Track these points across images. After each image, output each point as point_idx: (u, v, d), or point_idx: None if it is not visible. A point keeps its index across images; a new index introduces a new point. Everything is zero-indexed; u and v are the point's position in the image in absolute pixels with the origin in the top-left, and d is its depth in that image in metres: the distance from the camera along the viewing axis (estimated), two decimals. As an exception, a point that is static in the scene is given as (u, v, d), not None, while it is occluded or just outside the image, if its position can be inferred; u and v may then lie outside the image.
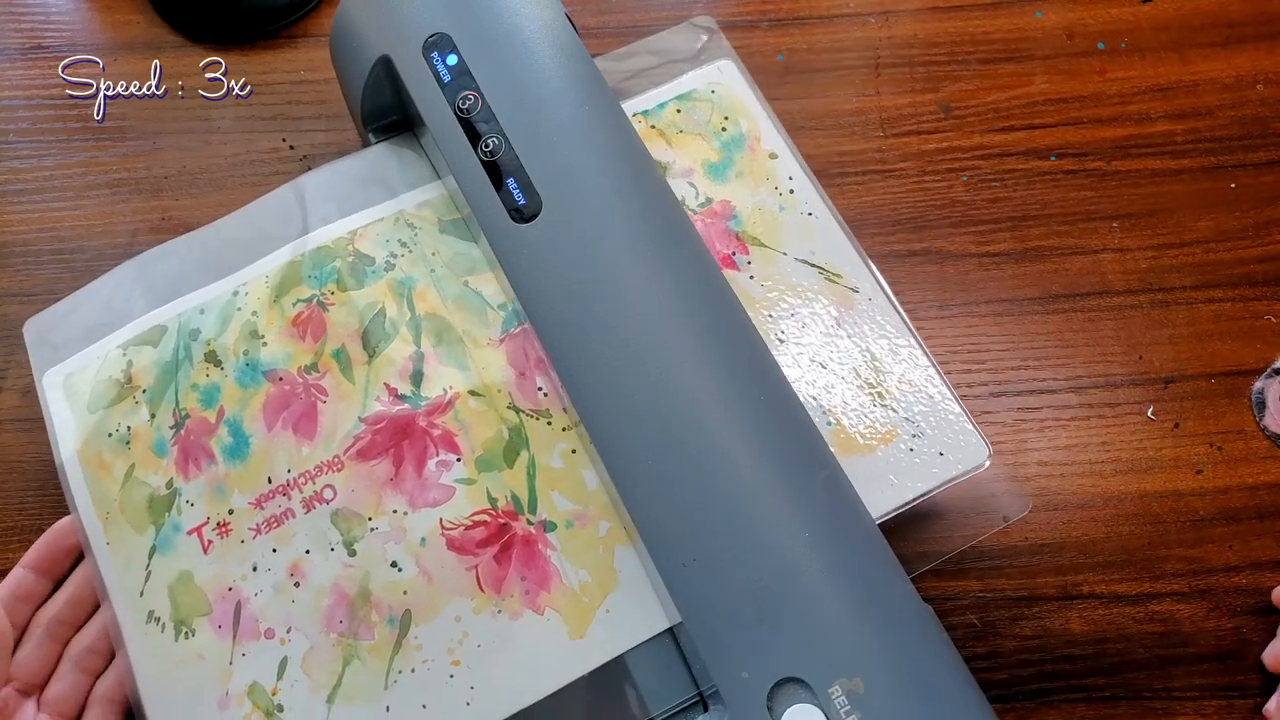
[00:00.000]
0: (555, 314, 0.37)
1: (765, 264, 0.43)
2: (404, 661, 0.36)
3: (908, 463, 0.39)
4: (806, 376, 0.41)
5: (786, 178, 0.45)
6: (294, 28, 0.56)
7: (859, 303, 0.42)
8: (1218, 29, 0.56)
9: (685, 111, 0.46)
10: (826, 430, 0.39)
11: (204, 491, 0.39)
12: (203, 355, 0.41)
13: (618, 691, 0.36)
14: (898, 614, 0.33)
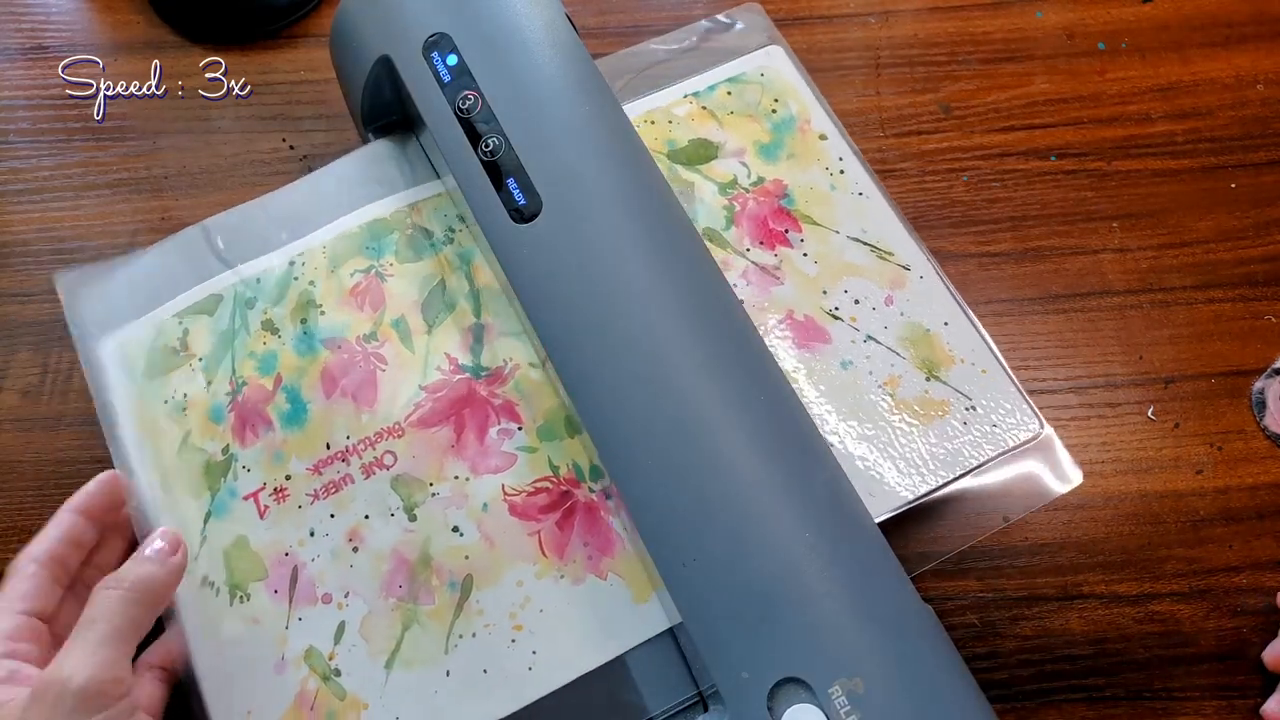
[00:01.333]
0: (555, 314, 0.37)
1: (818, 242, 0.44)
2: (465, 626, 0.36)
3: (962, 435, 0.40)
4: (861, 351, 0.42)
5: (836, 159, 0.46)
6: (294, 28, 0.56)
7: (911, 280, 0.43)
8: (1218, 29, 0.56)
9: (736, 93, 0.48)
10: (882, 404, 0.41)
11: (261, 458, 0.39)
12: (260, 324, 0.42)
13: (618, 691, 0.36)
14: (898, 614, 0.33)
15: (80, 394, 0.46)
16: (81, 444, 0.44)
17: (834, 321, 0.42)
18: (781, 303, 0.43)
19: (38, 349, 0.47)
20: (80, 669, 0.30)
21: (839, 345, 0.42)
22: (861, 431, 0.40)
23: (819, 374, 0.41)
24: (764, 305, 0.43)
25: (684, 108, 0.47)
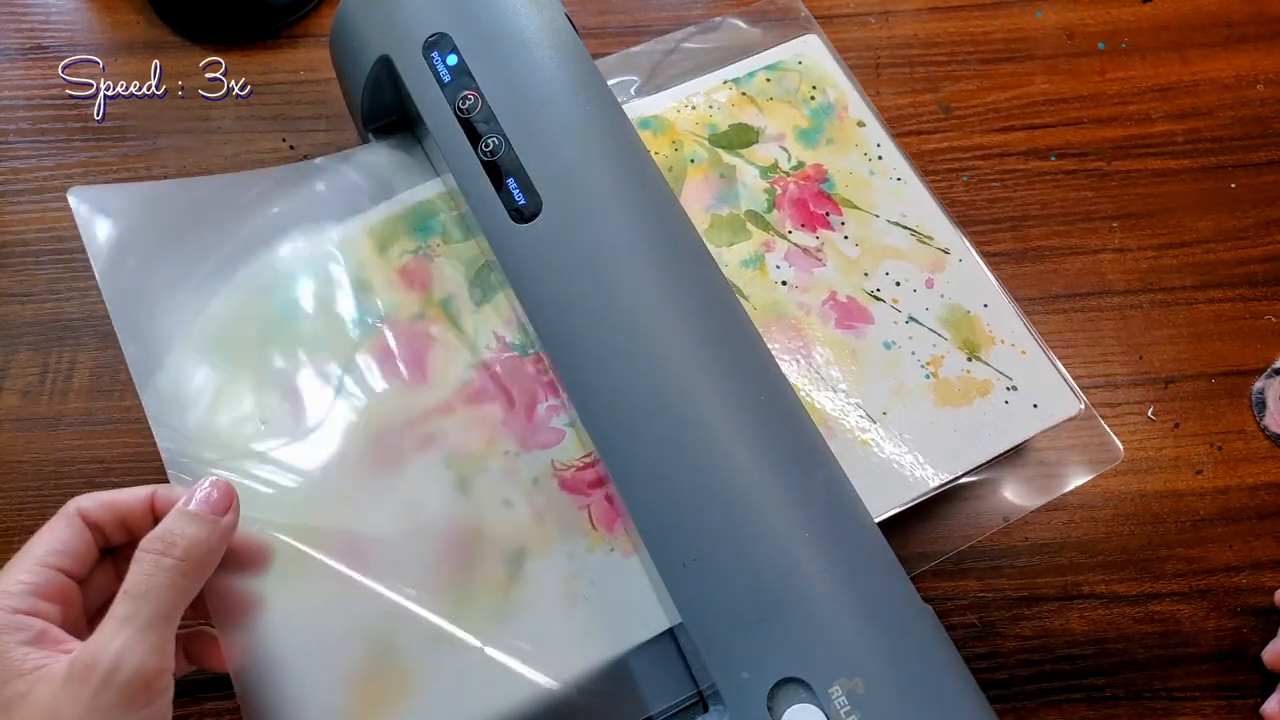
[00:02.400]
0: (555, 314, 0.37)
1: (858, 225, 0.45)
2: (518, 597, 0.37)
3: (1004, 414, 0.41)
4: (903, 332, 0.43)
5: (874, 145, 0.47)
6: (294, 28, 0.56)
7: (950, 264, 0.45)
8: (1218, 29, 0.56)
9: (775, 80, 0.49)
10: (924, 384, 0.42)
11: (319, 432, 0.39)
12: (314, 303, 0.42)
13: (618, 691, 0.36)
14: (898, 614, 0.33)
15: (80, 394, 0.46)
16: (81, 444, 0.44)
17: (876, 303, 0.44)
18: (824, 284, 0.44)
19: (38, 349, 0.47)
20: (129, 655, 0.27)
21: (882, 326, 0.43)
22: (906, 409, 0.41)
23: (863, 354, 0.42)
24: (807, 286, 0.44)
25: (724, 93, 0.48)
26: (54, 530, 0.30)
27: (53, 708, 0.26)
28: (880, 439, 0.41)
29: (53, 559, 0.30)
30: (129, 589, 0.29)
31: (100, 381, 0.46)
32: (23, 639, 0.28)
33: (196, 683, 0.40)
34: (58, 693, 0.27)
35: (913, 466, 0.40)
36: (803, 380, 0.42)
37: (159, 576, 0.29)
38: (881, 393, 0.41)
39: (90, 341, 0.47)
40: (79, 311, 0.48)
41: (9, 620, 0.28)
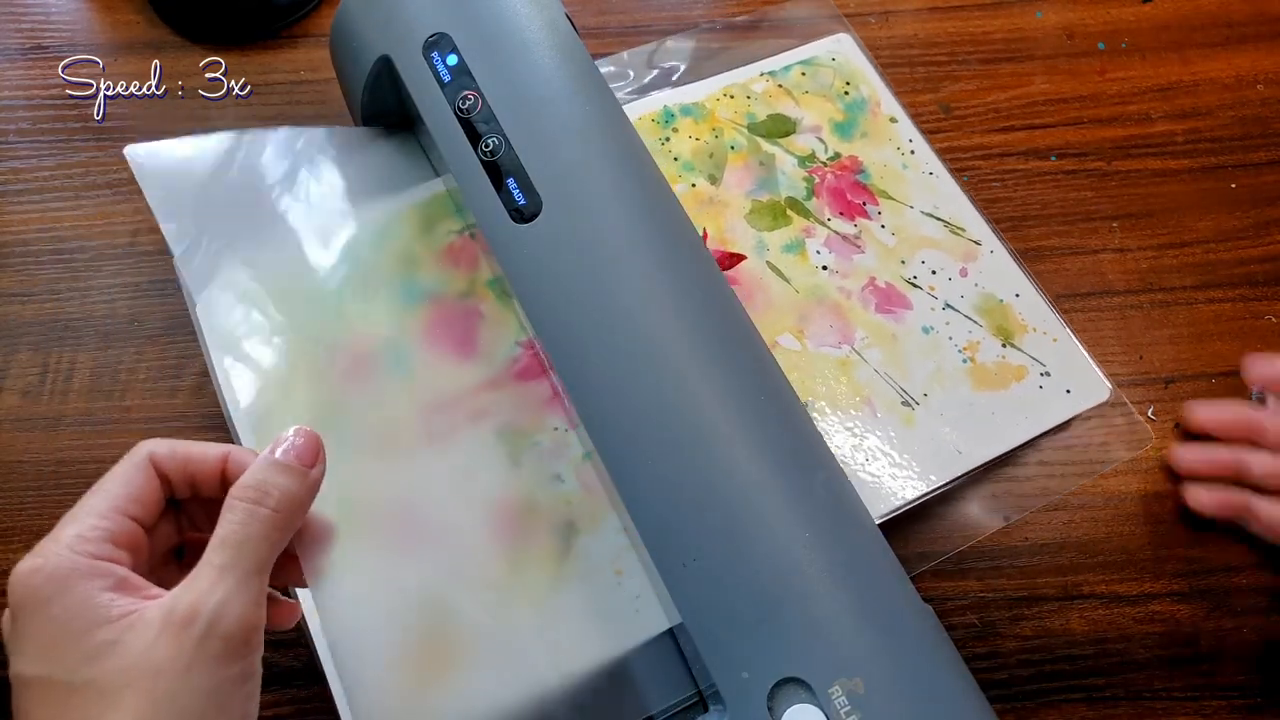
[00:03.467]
0: (555, 314, 0.37)
1: (893, 215, 0.47)
2: (570, 569, 0.38)
3: (1038, 399, 0.43)
4: (940, 318, 0.45)
5: (906, 140, 0.50)
6: (294, 28, 0.56)
7: (982, 254, 0.47)
8: (1218, 29, 0.56)
9: (809, 74, 0.51)
10: (961, 368, 0.43)
11: (368, 404, 0.40)
12: (360, 276, 0.42)
13: (618, 691, 0.36)
14: (898, 614, 0.33)
15: (80, 394, 0.46)
16: (81, 444, 0.44)
17: (913, 289, 0.45)
18: (864, 270, 0.46)
19: (38, 349, 0.47)
20: (231, 606, 0.26)
21: (920, 311, 0.45)
22: (946, 391, 0.43)
23: (902, 338, 0.44)
24: (847, 272, 0.46)
25: (761, 85, 0.51)
26: (125, 475, 0.29)
27: (149, 656, 0.25)
28: (923, 419, 0.42)
29: (125, 505, 0.28)
30: (226, 538, 0.28)
31: (100, 381, 0.46)
32: (106, 585, 0.26)
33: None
34: (154, 641, 0.26)
35: (956, 446, 0.42)
36: (845, 361, 0.43)
37: (254, 526, 0.28)
38: (922, 375, 0.43)
39: (90, 341, 0.47)
40: (79, 311, 0.48)
41: (91, 566, 0.27)
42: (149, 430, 0.45)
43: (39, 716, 0.26)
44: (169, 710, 0.25)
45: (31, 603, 0.26)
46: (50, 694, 0.25)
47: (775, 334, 0.44)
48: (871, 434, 0.42)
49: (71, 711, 0.25)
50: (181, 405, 0.45)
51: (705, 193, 0.48)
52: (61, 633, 0.26)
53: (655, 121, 0.49)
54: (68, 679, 0.25)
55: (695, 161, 0.48)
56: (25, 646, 0.26)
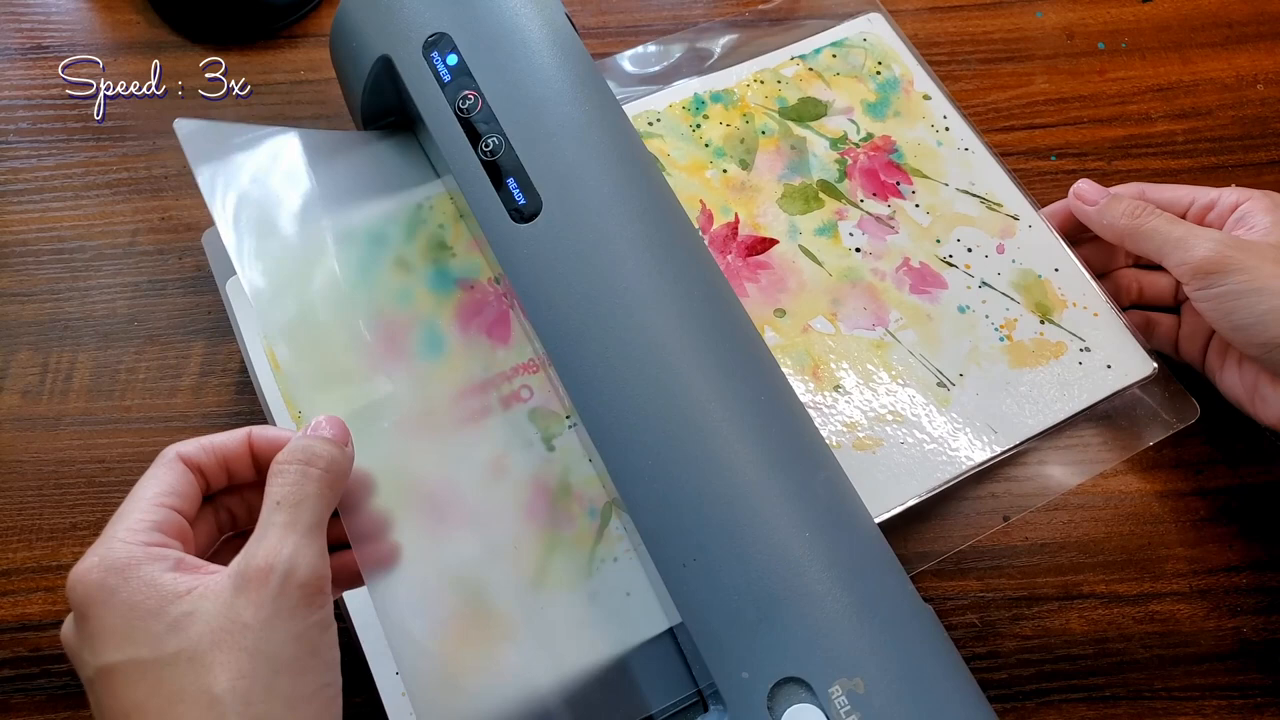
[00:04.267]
0: (555, 314, 0.37)
1: (929, 194, 0.47)
2: (606, 551, 0.38)
3: (1078, 375, 0.43)
4: (976, 296, 0.45)
5: (941, 116, 0.49)
6: (294, 28, 0.56)
7: (1020, 229, 0.46)
8: (1218, 29, 0.56)
9: (840, 56, 0.51)
10: (998, 346, 0.43)
11: (402, 387, 0.40)
12: (393, 261, 0.42)
13: (617, 691, 0.36)
14: (898, 614, 0.33)
15: (80, 394, 0.46)
16: (81, 444, 0.44)
17: (949, 268, 0.45)
18: (898, 250, 0.46)
19: (38, 349, 0.47)
20: (302, 557, 0.27)
21: (955, 291, 0.45)
22: (983, 371, 0.43)
23: (938, 318, 0.44)
24: (881, 253, 0.46)
25: (791, 69, 0.51)
26: (157, 475, 0.30)
27: (230, 615, 0.26)
28: (959, 399, 0.42)
29: (165, 499, 0.30)
30: (282, 499, 0.29)
31: (100, 381, 0.46)
32: (166, 566, 0.27)
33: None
34: (232, 601, 0.27)
35: (992, 425, 0.41)
36: (879, 344, 0.43)
37: (309, 485, 0.29)
38: (957, 355, 0.43)
39: (90, 341, 0.47)
40: (79, 311, 0.48)
41: (147, 552, 0.28)
42: (149, 430, 0.45)
43: (129, 700, 0.26)
44: (265, 660, 0.26)
45: (98, 595, 0.27)
46: (139, 673, 0.26)
47: (808, 317, 0.44)
48: (907, 415, 0.42)
49: (164, 685, 0.26)
50: (181, 405, 0.45)
51: (737, 178, 0.48)
52: (136, 614, 0.26)
53: (686, 109, 0.50)
54: (155, 655, 0.26)
55: (726, 147, 0.49)
56: (101, 638, 0.27)
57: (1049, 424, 0.41)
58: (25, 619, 0.41)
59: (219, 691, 0.26)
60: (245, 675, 0.26)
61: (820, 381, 0.43)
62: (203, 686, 0.26)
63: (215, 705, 0.25)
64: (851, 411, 0.42)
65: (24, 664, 0.40)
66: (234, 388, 0.46)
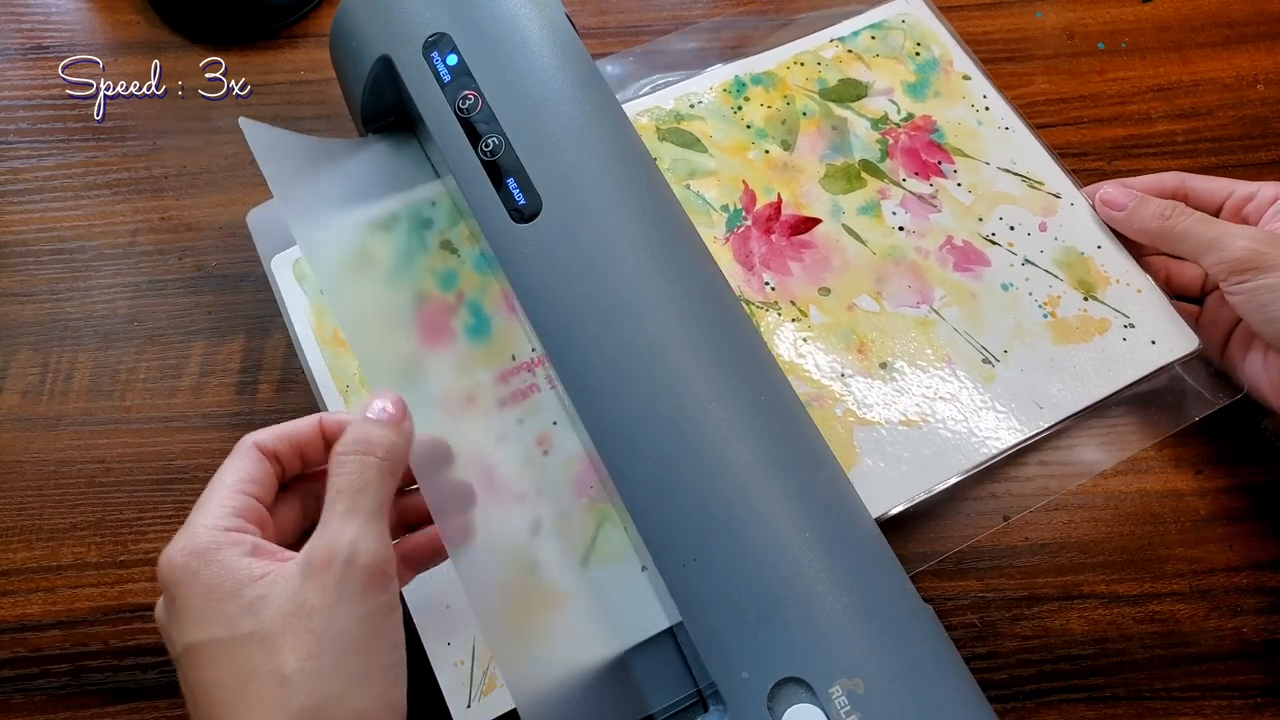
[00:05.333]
0: (555, 314, 0.37)
1: (970, 173, 0.48)
2: None
3: (1122, 351, 0.43)
4: (1019, 274, 0.45)
5: (981, 96, 0.50)
6: (294, 28, 0.56)
7: (1062, 207, 0.47)
8: (1218, 29, 0.56)
9: (880, 38, 0.52)
10: (1042, 323, 0.44)
11: (448, 366, 0.41)
12: (438, 244, 0.43)
13: (617, 691, 0.36)
14: (898, 614, 0.33)
15: (80, 394, 0.46)
16: (81, 444, 0.44)
17: (992, 246, 0.46)
18: (941, 229, 0.46)
19: (38, 349, 0.47)
20: (363, 542, 0.29)
21: (999, 268, 0.45)
22: (1027, 347, 0.43)
23: (982, 295, 0.45)
24: (924, 231, 0.46)
25: (831, 51, 0.51)
26: (234, 464, 0.32)
27: (299, 600, 0.28)
28: (1004, 375, 0.43)
29: (243, 486, 0.31)
30: (343, 488, 0.30)
31: (100, 381, 0.46)
32: (243, 551, 0.29)
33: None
34: (300, 586, 0.28)
35: (1037, 401, 0.42)
36: (924, 321, 0.44)
37: (369, 473, 0.30)
38: (1002, 332, 0.44)
39: (90, 341, 0.47)
40: (79, 311, 0.48)
41: (226, 537, 0.29)
42: (149, 430, 0.45)
43: (209, 677, 0.28)
44: (330, 642, 0.28)
45: (182, 577, 0.29)
46: (216, 653, 0.28)
47: (853, 296, 0.45)
48: (952, 392, 0.42)
49: (238, 664, 0.28)
50: (181, 405, 0.45)
51: (779, 159, 0.48)
52: (214, 596, 0.28)
53: (727, 91, 0.50)
54: (229, 635, 0.28)
55: (768, 128, 0.49)
56: (184, 618, 0.28)
57: (1095, 399, 0.42)
58: (25, 619, 0.41)
59: (288, 671, 0.27)
60: (313, 655, 0.27)
61: (866, 359, 0.43)
62: (273, 666, 0.27)
63: (285, 684, 0.27)
64: (897, 389, 0.42)
65: (24, 664, 0.40)
66: (234, 388, 0.46)
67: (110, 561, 0.42)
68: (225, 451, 0.44)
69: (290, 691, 0.27)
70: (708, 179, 0.47)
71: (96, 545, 0.42)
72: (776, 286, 0.45)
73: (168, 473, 0.44)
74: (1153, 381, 0.43)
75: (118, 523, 0.43)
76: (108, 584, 0.42)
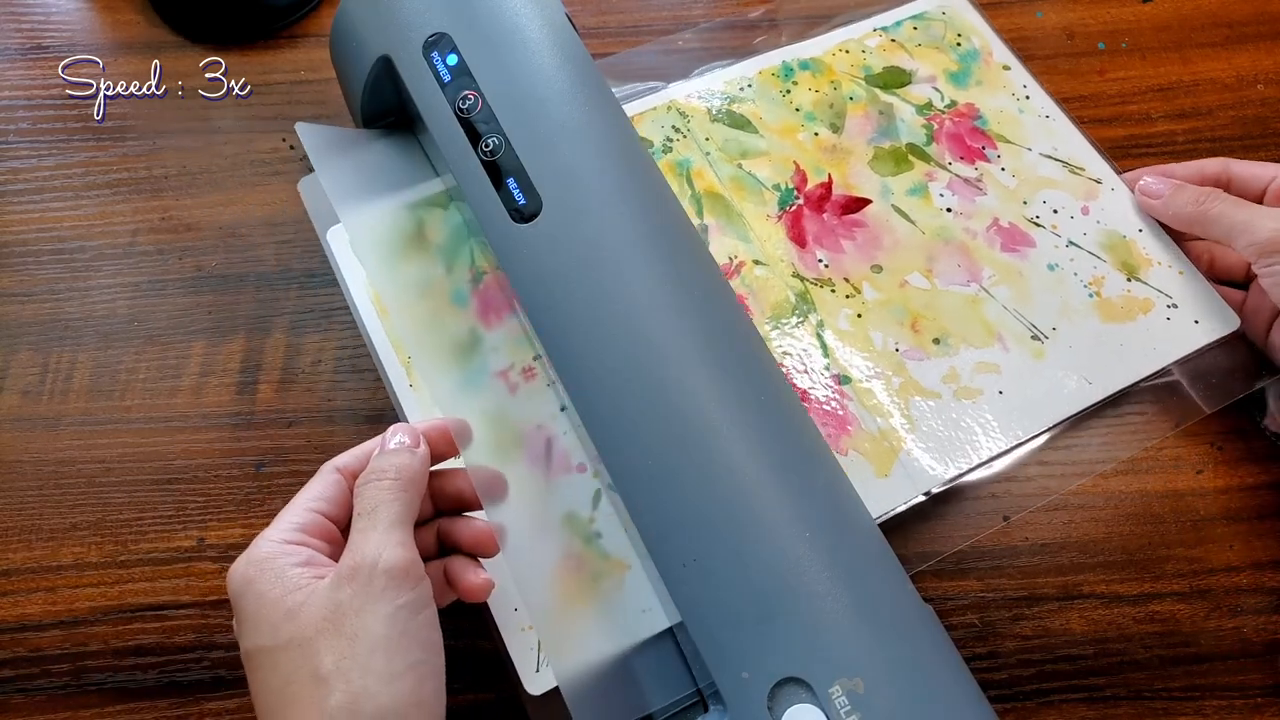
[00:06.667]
0: (555, 314, 0.37)
1: (1013, 158, 0.50)
2: None
3: (1167, 330, 0.45)
4: (1064, 255, 0.47)
5: (1021, 85, 0.52)
6: (294, 28, 0.56)
7: (1103, 192, 0.49)
8: (1218, 29, 0.56)
9: (921, 29, 0.54)
10: (1088, 302, 0.45)
11: (507, 340, 0.42)
12: None
13: (617, 691, 0.36)
14: (898, 614, 0.33)
15: (80, 394, 0.46)
16: (81, 444, 0.44)
17: (1036, 228, 0.47)
18: (987, 211, 0.48)
19: (38, 349, 0.47)
20: (384, 548, 0.31)
21: (1044, 249, 0.47)
22: (1074, 325, 0.45)
23: (1029, 275, 0.46)
24: (971, 213, 0.48)
25: (874, 40, 0.53)
26: (313, 484, 0.35)
27: (332, 605, 0.30)
28: (1053, 352, 0.44)
29: (315, 504, 0.34)
30: (362, 510, 0.33)
31: (100, 381, 0.46)
32: (294, 562, 0.32)
33: (197, 683, 0.40)
34: (333, 594, 0.31)
35: (1086, 377, 0.44)
36: (974, 299, 0.45)
37: (381, 494, 0.33)
38: (1049, 310, 0.45)
39: (90, 341, 0.47)
40: (79, 311, 0.48)
41: (284, 549, 0.32)
42: (149, 430, 0.45)
43: (259, 680, 0.30)
44: (361, 641, 0.30)
45: (243, 585, 0.32)
46: (266, 659, 0.30)
47: (905, 273, 0.46)
48: (1005, 367, 0.44)
49: (280, 667, 0.30)
50: (181, 405, 0.45)
51: (828, 141, 0.50)
52: (264, 603, 0.31)
53: (775, 75, 0.52)
54: (273, 642, 0.30)
55: (816, 111, 0.51)
56: (245, 625, 0.31)
57: (1143, 374, 0.44)
58: (25, 619, 0.41)
59: (324, 672, 0.29)
60: (346, 656, 0.29)
61: (919, 334, 0.45)
62: (311, 669, 0.29)
63: (321, 684, 0.29)
64: (951, 362, 0.44)
65: (24, 664, 0.40)
66: (234, 388, 0.46)
67: (110, 561, 0.42)
68: (225, 451, 0.44)
69: (326, 691, 0.29)
70: (759, 159, 0.49)
71: (96, 545, 0.42)
72: (830, 264, 0.46)
73: (167, 473, 0.44)
74: (1197, 360, 0.45)
75: (117, 523, 0.43)
76: (108, 584, 0.42)
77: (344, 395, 0.45)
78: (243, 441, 0.44)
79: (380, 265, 0.43)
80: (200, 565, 0.42)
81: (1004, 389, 0.43)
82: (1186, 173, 0.47)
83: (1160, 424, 0.45)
